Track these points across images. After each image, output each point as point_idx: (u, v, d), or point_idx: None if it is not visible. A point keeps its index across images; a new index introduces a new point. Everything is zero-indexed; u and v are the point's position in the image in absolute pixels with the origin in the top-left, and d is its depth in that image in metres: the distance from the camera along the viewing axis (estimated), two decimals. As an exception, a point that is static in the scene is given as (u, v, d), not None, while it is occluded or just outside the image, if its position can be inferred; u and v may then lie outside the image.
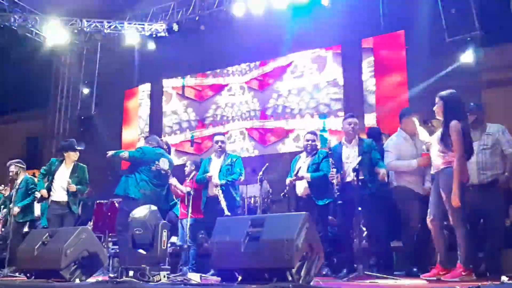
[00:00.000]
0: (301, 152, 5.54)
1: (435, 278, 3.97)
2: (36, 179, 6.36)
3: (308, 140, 5.31)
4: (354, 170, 4.44)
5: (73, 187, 5.75)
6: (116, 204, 7.52)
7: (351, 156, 4.81)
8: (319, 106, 9.62)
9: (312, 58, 9.96)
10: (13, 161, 6.71)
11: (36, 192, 6.01)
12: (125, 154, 5.42)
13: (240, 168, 5.62)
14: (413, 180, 4.73)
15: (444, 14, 8.14)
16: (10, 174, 6.49)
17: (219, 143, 5.69)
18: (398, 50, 8.93)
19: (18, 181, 6.37)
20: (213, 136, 5.91)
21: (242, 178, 5.68)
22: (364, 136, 5.46)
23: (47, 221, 5.77)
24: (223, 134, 6.27)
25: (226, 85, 10.88)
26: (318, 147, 5.41)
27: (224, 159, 5.65)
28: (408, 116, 4.93)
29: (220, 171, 5.52)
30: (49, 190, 5.71)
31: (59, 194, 5.72)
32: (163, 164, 5.43)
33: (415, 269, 4.67)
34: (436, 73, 8.00)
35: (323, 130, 9.35)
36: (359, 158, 4.51)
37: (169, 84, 11.69)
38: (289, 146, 9.75)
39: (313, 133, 5.43)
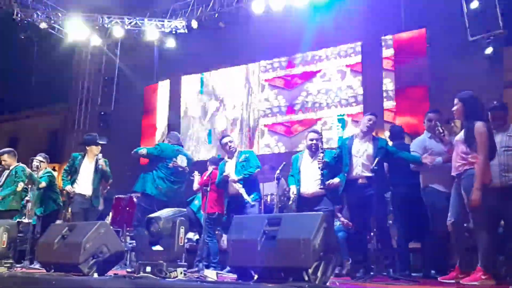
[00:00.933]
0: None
1: (453, 281, 3.91)
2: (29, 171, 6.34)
3: (312, 140, 5.09)
4: (373, 170, 4.39)
5: (104, 164, 5.81)
6: (135, 199, 7.61)
7: (361, 151, 4.73)
8: (341, 101, 9.54)
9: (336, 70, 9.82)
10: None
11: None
12: (143, 151, 5.49)
13: (256, 161, 5.60)
14: (441, 179, 4.64)
15: (467, 12, 8.00)
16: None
17: (229, 144, 5.67)
18: (419, 48, 8.79)
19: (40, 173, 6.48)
20: (221, 139, 5.86)
21: (259, 170, 5.65)
22: (382, 134, 5.39)
23: (72, 215, 5.79)
24: (229, 135, 6.25)
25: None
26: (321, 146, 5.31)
27: (237, 156, 5.64)
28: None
29: (235, 168, 5.52)
30: (73, 183, 5.73)
31: (83, 187, 5.76)
32: (181, 161, 5.46)
33: (433, 271, 4.61)
34: (458, 72, 7.87)
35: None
36: (377, 159, 4.45)
37: (190, 85, 11.72)
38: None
39: (316, 132, 5.25)
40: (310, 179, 4.94)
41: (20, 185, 6.15)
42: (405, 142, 5.42)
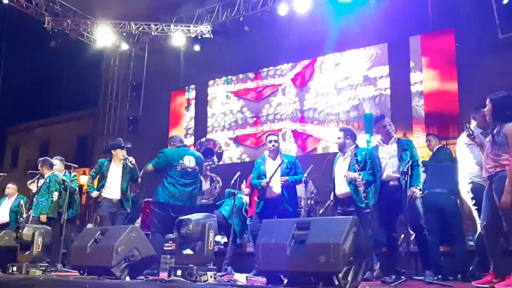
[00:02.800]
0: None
1: (487, 286, 3.82)
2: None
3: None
4: (403, 173, 4.34)
5: (133, 162, 5.82)
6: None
7: (389, 153, 4.68)
8: (362, 105, 9.46)
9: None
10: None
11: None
12: (149, 167, 5.40)
13: (300, 169, 5.47)
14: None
15: (497, 9, 7.81)
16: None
17: (272, 143, 5.51)
18: (448, 48, 8.63)
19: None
20: (267, 136, 5.72)
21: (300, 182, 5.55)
22: (411, 136, 5.30)
23: (102, 219, 5.85)
24: (276, 134, 6.12)
25: (280, 85, 10.80)
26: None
27: (281, 160, 5.44)
28: None
29: (281, 172, 5.33)
30: (101, 188, 5.86)
31: (112, 192, 5.81)
32: (188, 161, 5.41)
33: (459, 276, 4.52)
34: (488, 71, 7.70)
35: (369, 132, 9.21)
36: (410, 162, 4.40)
37: (216, 89, 11.82)
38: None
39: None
40: (338, 179, 4.94)
41: (55, 195, 6.31)
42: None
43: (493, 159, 3.94)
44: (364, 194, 4.65)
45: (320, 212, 6.00)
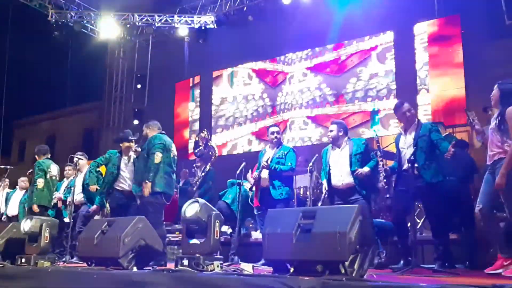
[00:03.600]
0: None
1: (501, 271, 3.80)
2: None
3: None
4: (409, 161, 4.33)
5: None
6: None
7: (407, 143, 4.69)
8: (369, 92, 9.39)
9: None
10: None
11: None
12: (158, 159, 5.18)
13: (292, 162, 5.55)
14: None
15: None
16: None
17: (275, 134, 5.67)
18: (454, 35, 8.54)
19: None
20: (268, 128, 5.86)
21: (292, 173, 5.62)
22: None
23: (111, 211, 5.78)
24: (278, 125, 6.23)
25: (287, 73, 10.62)
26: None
27: (277, 150, 5.62)
28: None
29: (271, 161, 5.50)
30: (114, 180, 5.72)
31: (123, 183, 5.73)
32: (174, 149, 5.49)
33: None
34: (494, 58, 7.62)
35: (375, 121, 9.15)
36: (413, 149, 4.40)
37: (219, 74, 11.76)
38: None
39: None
40: (339, 170, 4.97)
41: (39, 182, 6.35)
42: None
43: (498, 145, 3.92)
44: (386, 185, 4.71)
45: (319, 205, 6.03)
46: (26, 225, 4.85)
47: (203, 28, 11.24)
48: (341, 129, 5.09)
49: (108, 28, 11.72)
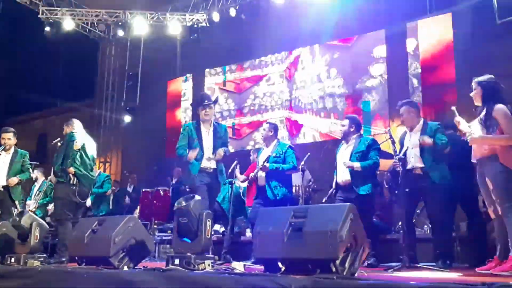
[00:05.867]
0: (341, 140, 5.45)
1: (489, 272, 3.82)
2: None
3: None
4: (400, 159, 4.36)
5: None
6: (161, 193, 7.72)
7: (412, 142, 4.72)
8: (362, 92, 9.43)
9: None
10: None
11: None
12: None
13: (293, 160, 5.37)
14: None
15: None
16: None
17: (265, 131, 5.58)
18: (445, 34, 8.58)
19: None
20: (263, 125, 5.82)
21: (294, 171, 5.49)
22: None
23: (194, 190, 4.76)
24: (270, 122, 6.12)
25: (265, 75, 10.86)
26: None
27: (275, 147, 5.44)
28: None
29: (268, 161, 5.31)
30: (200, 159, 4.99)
31: (204, 160, 4.99)
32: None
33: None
34: (485, 58, 7.66)
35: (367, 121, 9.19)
36: (405, 148, 4.43)
37: (212, 80, 11.76)
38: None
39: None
40: (340, 167, 5.01)
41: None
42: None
43: None
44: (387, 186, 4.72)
45: (324, 200, 6.00)
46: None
47: (195, 26, 11.19)
48: (353, 125, 5.10)
49: (99, 26, 11.65)
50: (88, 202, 6.64)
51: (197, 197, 3.96)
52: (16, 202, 5.99)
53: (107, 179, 7.81)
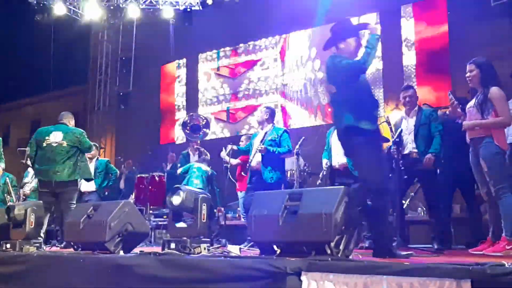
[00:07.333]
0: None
1: (482, 253, 3.86)
2: None
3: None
4: (394, 143, 4.40)
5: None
6: (156, 178, 7.71)
7: (408, 128, 4.82)
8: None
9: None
10: None
11: None
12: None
13: (288, 143, 5.36)
14: None
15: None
16: None
17: (261, 113, 5.58)
18: (440, 16, 8.55)
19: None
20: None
21: (290, 154, 5.49)
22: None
23: None
24: (267, 105, 6.12)
25: (259, 59, 10.81)
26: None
27: (269, 131, 5.45)
28: None
29: (263, 143, 5.32)
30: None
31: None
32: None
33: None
34: (480, 40, 7.64)
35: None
36: (400, 130, 4.47)
37: (207, 66, 11.69)
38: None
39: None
40: (336, 150, 4.99)
41: None
42: None
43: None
44: None
45: (318, 183, 6.03)
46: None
47: (188, 10, 11.07)
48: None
49: (92, 10, 11.49)
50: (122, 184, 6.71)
51: (184, 188, 3.92)
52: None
53: (108, 163, 7.71)
